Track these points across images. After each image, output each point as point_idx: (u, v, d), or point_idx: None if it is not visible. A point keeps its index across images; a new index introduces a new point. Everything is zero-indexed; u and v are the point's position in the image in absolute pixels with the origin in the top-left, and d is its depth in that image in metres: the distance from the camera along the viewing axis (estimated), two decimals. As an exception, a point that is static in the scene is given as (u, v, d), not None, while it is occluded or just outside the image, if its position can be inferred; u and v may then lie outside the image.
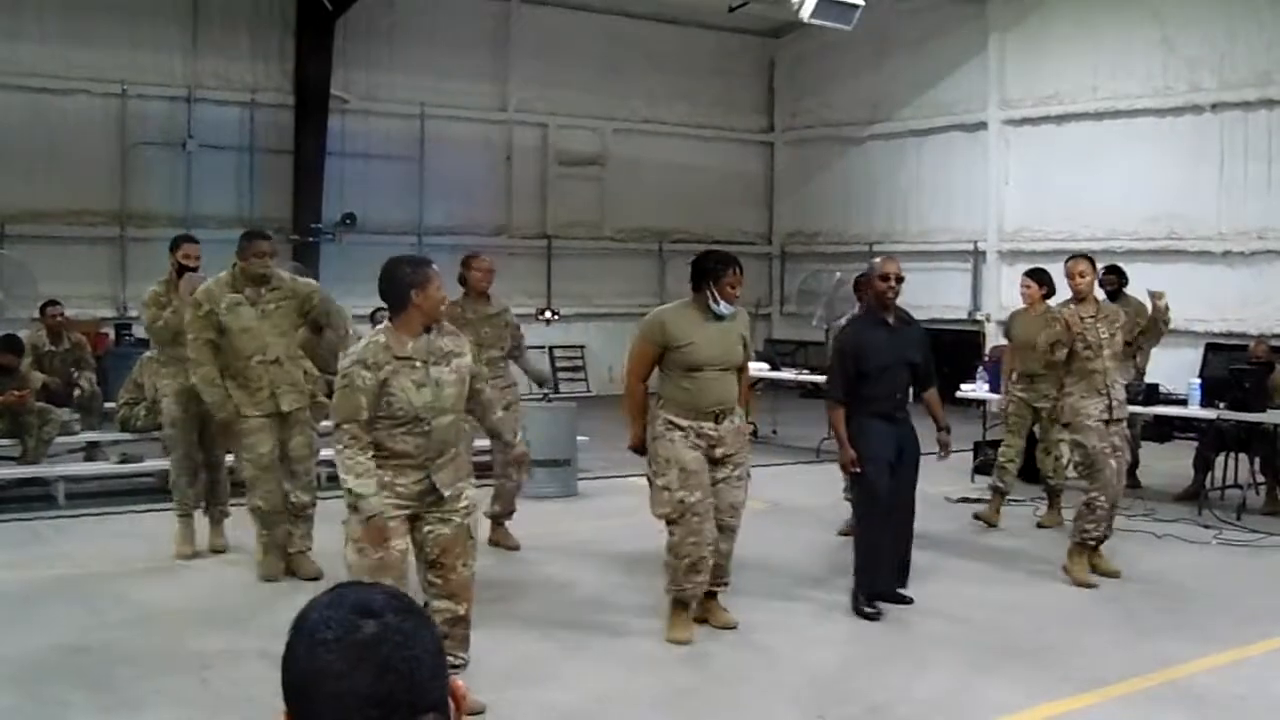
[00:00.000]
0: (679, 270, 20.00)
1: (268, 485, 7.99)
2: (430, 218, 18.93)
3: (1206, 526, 10.13)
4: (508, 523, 9.39)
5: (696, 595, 6.98)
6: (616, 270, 20.82)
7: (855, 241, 20.82)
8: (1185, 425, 12.67)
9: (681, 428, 6.80)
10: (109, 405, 11.59)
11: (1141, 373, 11.88)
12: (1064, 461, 10.15)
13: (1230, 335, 15.66)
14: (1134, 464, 12.15)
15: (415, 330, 5.56)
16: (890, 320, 7.65)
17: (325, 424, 8.05)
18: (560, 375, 19.37)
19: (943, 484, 11.64)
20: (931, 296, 19.89)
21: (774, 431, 14.93)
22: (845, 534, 9.08)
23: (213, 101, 17.34)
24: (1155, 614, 7.72)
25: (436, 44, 18.97)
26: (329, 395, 7.08)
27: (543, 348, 16.21)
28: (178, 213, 16.88)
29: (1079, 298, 8.53)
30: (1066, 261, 8.74)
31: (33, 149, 16.02)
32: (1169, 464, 12.41)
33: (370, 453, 5.50)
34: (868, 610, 7.52)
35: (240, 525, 8.57)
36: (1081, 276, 8.51)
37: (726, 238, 21.99)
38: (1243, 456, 11.30)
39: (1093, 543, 8.46)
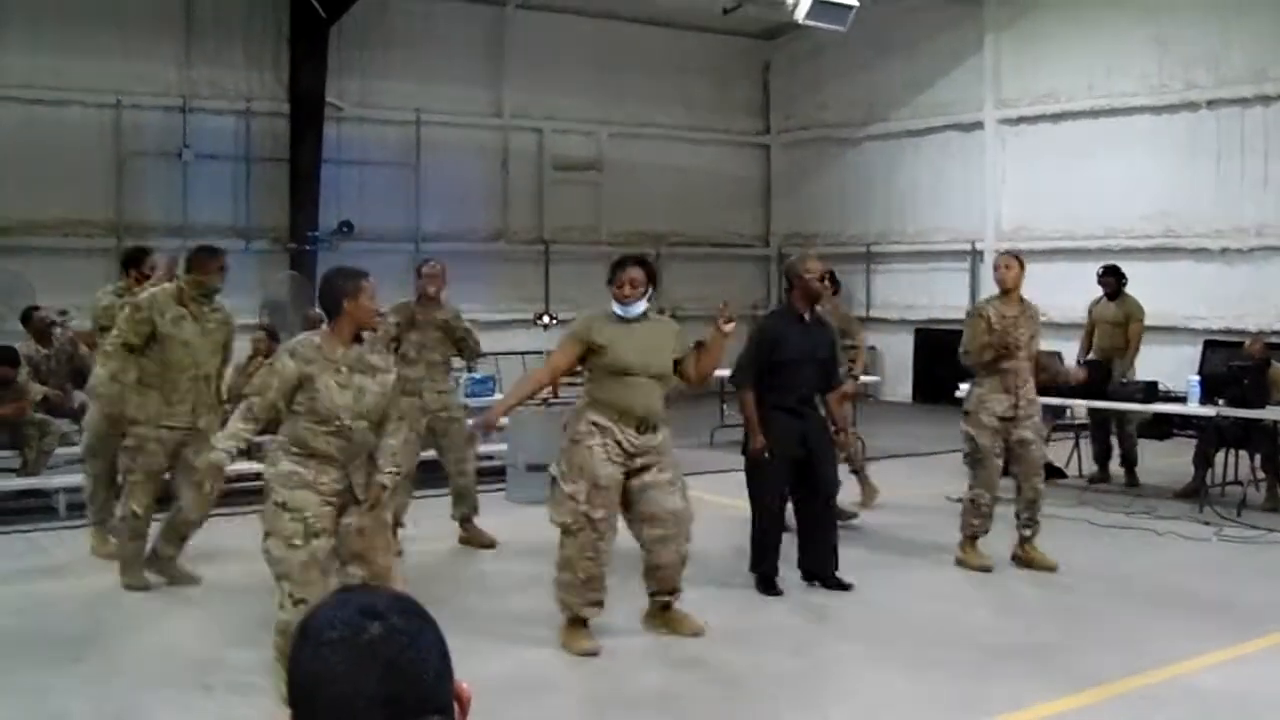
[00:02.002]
0: (676, 274, 20.09)
1: (149, 492, 8.02)
2: (427, 224, 18.93)
3: (1207, 524, 10.12)
4: (476, 519, 9.48)
5: (593, 614, 6.81)
6: (614, 275, 20.78)
7: (852, 243, 20.82)
8: (1185, 423, 12.66)
9: (604, 429, 6.64)
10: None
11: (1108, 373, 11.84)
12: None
13: (1229, 332, 15.64)
14: (1132, 461, 12.18)
15: (347, 337, 5.92)
16: (807, 318, 8.00)
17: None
18: (558, 380, 19.32)
19: (942, 483, 11.65)
20: (930, 296, 19.93)
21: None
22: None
23: (208, 111, 17.34)
24: (1156, 611, 7.72)
25: (431, 50, 18.97)
26: None
27: (540, 353, 16.12)
28: (174, 223, 16.87)
29: (1004, 291, 8.78)
30: (996, 255, 9.00)
31: (28, 160, 15.98)
32: (1169, 461, 12.41)
33: (254, 427, 5.94)
34: (769, 591, 7.87)
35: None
36: (1006, 269, 8.81)
37: (723, 240, 22.05)
38: (1243, 453, 11.29)
39: (982, 535, 8.70)
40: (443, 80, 19.12)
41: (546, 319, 15.08)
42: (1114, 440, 12.27)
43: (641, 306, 6.85)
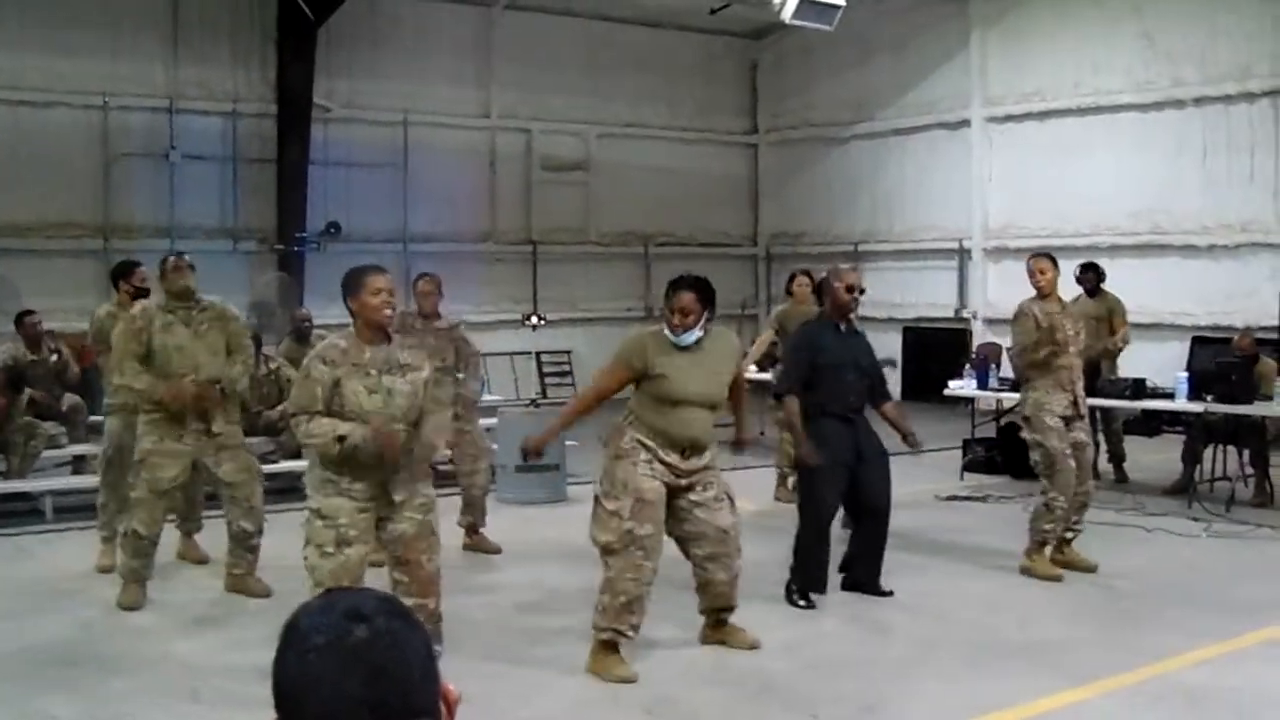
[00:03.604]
0: (664, 274, 19.97)
1: (153, 512, 7.71)
2: (415, 225, 18.89)
3: (1196, 519, 10.14)
4: (483, 529, 9.47)
5: (628, 639, 6.40)
6: (602, 275, 20.81)
7: (840, 241, 20.83)
8: (1173, 419, 12.67)
9: (648, 448, 6.32)
10: (95, 418, 11.52)
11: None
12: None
13: (1216, 328, 15.68)
14: (1119, 458, 12.19)
15: (366, 336, 5.82)
16: (843, 327, 7.88)
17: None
18: (547, 380, 19.36)
19: (932, 482, 11.67)
20: (917, 295, 19.95)
21: (761, 433, 14.90)
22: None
23: (195, 112, 17.28)
24: (1146, 608, 7.73)
25: (419, 51, 18.94)
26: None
27: (529, 353, 16.18)
28: (161, 224, 16.84)
29: (1042, 295, 8.58)
30: (1028, 260, 8.82)
31: (14, 162, 15.93)
32: (1157, 458, 12.42)
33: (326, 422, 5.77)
34: (800, 603, 7.67)
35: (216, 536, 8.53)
36: (1042, 274, 8.58)
37: (711, 240, 22.05)
38: (1231, 449, 11.30)
39: (1052, 541, 8.52)
40: (430, 81, 19.09)
41: (535, 319, 15.10)
42: (1100, 437, 12.27)
43: (696, 335, 6.38)
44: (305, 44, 17.45)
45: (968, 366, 12.97)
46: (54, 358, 11.52)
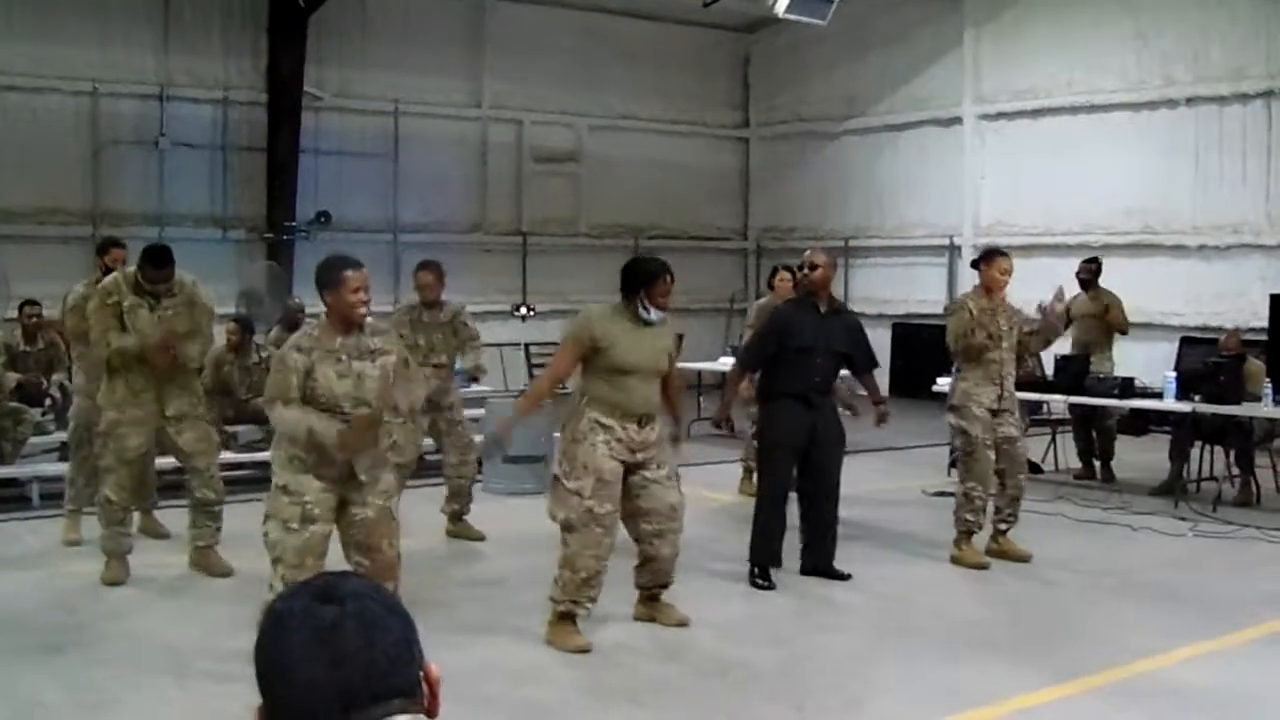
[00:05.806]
0: (655, 266, 19.96)
1: (122, 479, 7.83)
2: (405, 215, 18.88)
3: (1182, 519, 10.15)
4: (467, 517, 9.52)
5: (585, 611, 6.69)
6: (592, 266, 20.70)
7: (830, 237, 20.79)
8: (1161, 419, 12.69)
9: (607, 427, 6.57)
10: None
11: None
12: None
13: (1205, 329, 15.69)
14: (1108, 457, 12.21)
15: (340, 326, 5.88)
16: (821, 308, 8.03)
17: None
18: (536, 372, 19.32)
19: (919, 478, 11.68)
20: (907, 291, 19.97)
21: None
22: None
23: (185, 99, 17.21)
24: (1132, 606, 7.75)
25: (410, 40, 18.90)
26: None
27: (518, 344, 16.14)
28: (151, 211, 16.79)
29: (989, 291, 8.70)
30: (996, 256, 8.91)
31: (3, 147, 15.87)
32: (1145, 457, 12.44)
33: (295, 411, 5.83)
34: (760, 583, 7.91)
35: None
36: (1005, 274, 8.73)
37: (701, 233, 22.05)
38: (1218, 449, 11.32)
39: (977, 530, 8.68)
40: (422, 71, 19.03)
41: (524, 311, 15.12)
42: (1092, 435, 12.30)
43: (664, 315, 6.87)
44: (296, 32, 17.40)
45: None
46: (42, 345, 11.51)
